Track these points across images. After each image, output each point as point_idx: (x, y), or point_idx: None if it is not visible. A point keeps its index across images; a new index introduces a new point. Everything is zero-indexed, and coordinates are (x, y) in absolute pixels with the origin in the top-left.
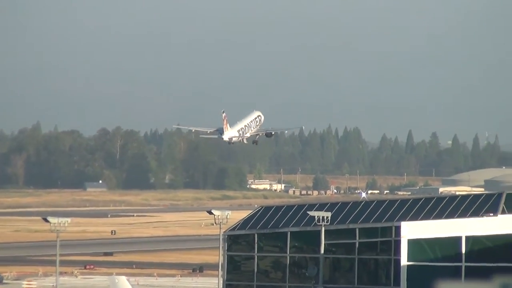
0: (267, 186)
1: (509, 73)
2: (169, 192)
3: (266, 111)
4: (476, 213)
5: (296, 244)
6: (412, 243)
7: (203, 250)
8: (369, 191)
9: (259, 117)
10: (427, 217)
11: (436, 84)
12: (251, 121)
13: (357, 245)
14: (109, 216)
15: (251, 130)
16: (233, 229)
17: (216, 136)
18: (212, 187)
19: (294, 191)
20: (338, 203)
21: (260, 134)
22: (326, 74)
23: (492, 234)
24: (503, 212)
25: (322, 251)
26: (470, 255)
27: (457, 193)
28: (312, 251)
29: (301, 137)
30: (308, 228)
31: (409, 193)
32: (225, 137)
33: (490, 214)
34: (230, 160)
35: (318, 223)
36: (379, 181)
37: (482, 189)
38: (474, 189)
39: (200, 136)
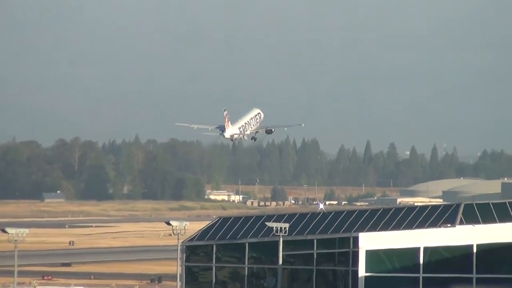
0: (225, 197)
1: (466, 85)
2: (128, 202)
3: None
4: (434, 224)
5: (254, 255)
6: (370, 254)
7: (162, 260)
8: (327, 202)
9: (259, 114)
10: (385, 228)
11: (393, 95)
12: (251, 118)
13: (315, 256)
14: (67, 226)
15: (251, 128)
16: (191, 239)
17: (217, 134)
18: (170, 197)
19: (252, 202)
20: (296, 214)
21: (260, 131)
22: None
23: (450, 245)
24: (461, 223)
25: (280, 262)
26: (428, 266)
27: (415, 204)
28: (270, 262)
29: (259, 148)
30: (266, 239)
31: (367, 204)
32: (227, 134)
33: (448, 225)
34: (188, 170)
35: (276, 234)
36: (337, 192)
37: (440, 200)
38: (432, 200)
39: (202, 133)
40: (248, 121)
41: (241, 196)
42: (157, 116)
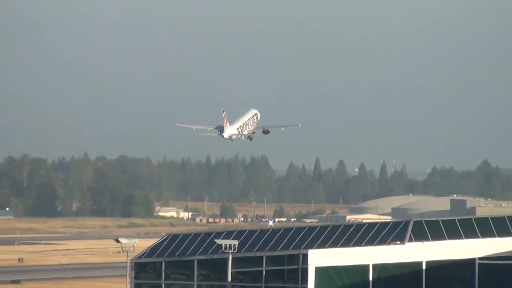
0: (174, 214)
1: (414, 101)
2: (77, 219)
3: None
4: (383, 241)
5: (203, 272)
6: (319, 271)
7: (111, 278)
8: (276, 219)
9: (256, 115)
10: (334, 244)
11: (342, 112)
12: (249, 119)
13: (264, 273)
14: (16, 243)
15: (249, 128)
16: (140, 256)
17: (216, 134)
18: (119, 214)
19: (201, 219)
20: (245, 231)
21: (257, 132)
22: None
23: (399, 262)
24: (410, 240)
25: (229, 279)
26: (377, 283)
27: (364, 220)
28: (219, 279)
29: (209, 165)
30: (215, 256)
31: (317, 220)
32: (225, 135)
33: (397, 242)
34: (137, 187)
35: (225, 251)
36: (286, 209)
37: (390, 217)
38: (381, 216)
39: (201, 134)
40: (246, 122)
41: (190, 213)
42: (107, 132)
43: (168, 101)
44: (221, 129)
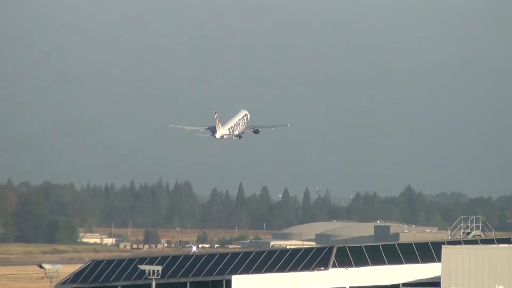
0: (98, 240)
1: (337, 127)
2: (0, 246)
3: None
4: (307, 267)
5: None
6: None
7: None
8: (200, 245)
9: (246, 116)
10: (258, 270)
11: (265, 138)
12: (239, 119)
13: None
14: None
15: (240, 128)
16: (64, 282)
17: (208, 135)
18: (43, 240)
19: (125, 245)
20: (169, 256)
21: (248, 131)
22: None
23: None
24: (334, 266)
25: None
26: None
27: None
28: None
29: (132, 191)
30: (139, 282)
31: (240, 246)
32: (218, 135)
33: (321, 268)
34: (61, 213)
35: (149, 277)
36: (210, 235)
37: (313, 243)
38: (305, 243)
39: (195, 135)
40: (236, 122)
41: (114, 239)
42: (30, 158)
43: (98, 125)
44: (213, 130)
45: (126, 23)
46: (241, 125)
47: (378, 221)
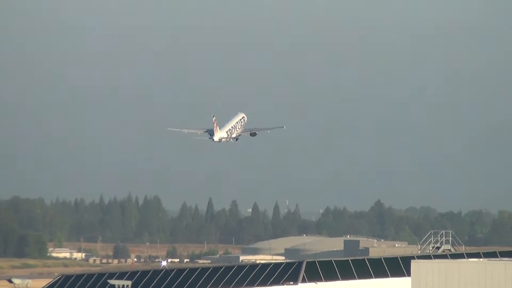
0: (68, 255)
1: (305, 141)
2: None
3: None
4: (276, 282)
5: None
6: None
7: None
8: (170, 260)
9: (243, 118)
10: (227, 285)
11: (234, 153)
12: (237, 122)
13: None
14: None
15: (237, 131)
16: None
17: (206, 138)
18: (12, 255)
19: (94, 260)
20: (138, 271)
21: (245, 134)
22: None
23: None
24: (303, 281)
25: None
26: None
27: (258, 261)
28: None
29: (102, 205)
30: None
31: (210, 261)
32: (216, 138)
33: (291, 283)
34: (30, 228)
35: None
36: (179, 249)
37: (283, 258)
38: (274, 257)
39: (193, 138)
40: (234, 125)
41: (83, 254)
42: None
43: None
44: (211, 133)
45: (119, 25)
46: (239, 128)
47: (348, 236)
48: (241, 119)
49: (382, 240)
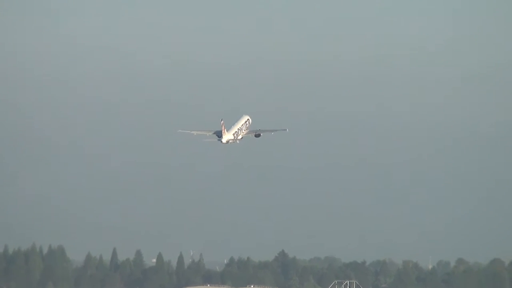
0: None
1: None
2: None
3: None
4: None
5: None
6: None
7: None
8: None
9: (248, 120)
10: None
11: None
12: (242, 125)
13: None
14: None
15: (243, 132)
16: None
17: (215, 140)
18: None
19: None
20: None
21: (250, 136)
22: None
23: None
24: None
25: None
26: None
27: None
28: None
29: (6, 255)
30: None
31: None
32: (224, 140)
33: None
34: None
35: None
36: None
37: None
38: None
39: (203, 140)
40: (240, 127)
41: None
42: None
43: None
44: (219, 134)
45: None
46: (244, 130)
47: (252, 286)
48: (246, 121)
49: None
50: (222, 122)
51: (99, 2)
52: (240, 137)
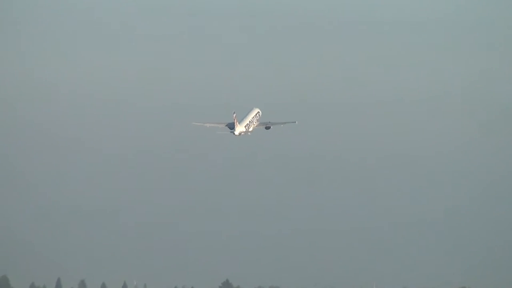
0: None
1: (184, 211)
2: None
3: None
4: None
5: None
6: None
7: None
8: None
9: (259, 113)
10: None
11: (82, 231)
12: (253, 117)
13: None
14: None
15: (254, 125)
16: None
17: (228, 132)
18: None
19: None
20: None
21: (260, 128)
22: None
23: None
24: None
25: None
26: None
27: None
28: None
29: None
30: None
31: None
32: (237, 132)
33: None
34: None
35: None
36: None
37: None
38: None
39: (216, 132)
40: (251, 120)
41: None
42: None
43: None
44: (231, 126)
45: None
46: (255, 122)
47: None
48: (256, 113)
49: None
50: (234, 115)
51: None
52: (251, 129)
